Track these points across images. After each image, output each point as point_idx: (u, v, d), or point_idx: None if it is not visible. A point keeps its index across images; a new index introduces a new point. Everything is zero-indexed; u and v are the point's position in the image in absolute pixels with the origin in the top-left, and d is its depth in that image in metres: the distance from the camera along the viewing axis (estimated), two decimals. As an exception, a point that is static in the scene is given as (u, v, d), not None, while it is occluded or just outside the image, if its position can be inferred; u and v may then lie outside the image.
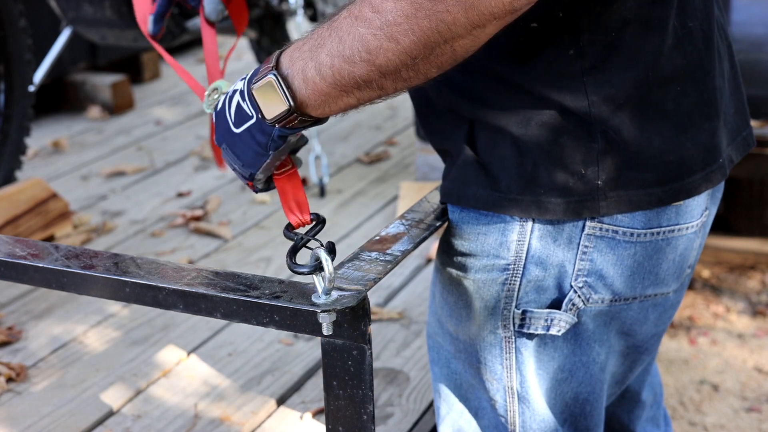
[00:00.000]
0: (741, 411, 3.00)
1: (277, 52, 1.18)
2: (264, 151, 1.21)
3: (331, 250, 1.19)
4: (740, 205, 3.59)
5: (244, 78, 1.23)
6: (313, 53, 1.13)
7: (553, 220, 1.28)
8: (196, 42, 4.98)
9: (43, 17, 3.69)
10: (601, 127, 1.23)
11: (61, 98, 4.16)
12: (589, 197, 1.25)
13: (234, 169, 1.28)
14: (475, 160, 1.30)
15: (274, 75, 1.15)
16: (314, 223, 1.28)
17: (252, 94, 1.18)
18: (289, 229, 1.28)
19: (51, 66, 3.18)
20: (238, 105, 1.20)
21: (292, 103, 1.15)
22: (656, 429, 1.68)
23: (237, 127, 1.21)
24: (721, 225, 3.70)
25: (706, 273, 3.75)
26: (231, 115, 1.22)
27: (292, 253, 1.22)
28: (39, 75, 3.07)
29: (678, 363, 3.24)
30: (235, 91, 1.23)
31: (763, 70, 2.98)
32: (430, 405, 2.04)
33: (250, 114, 1.19)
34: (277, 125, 1.18)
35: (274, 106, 1.16)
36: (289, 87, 1.15)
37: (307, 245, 1.24)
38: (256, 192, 1.31)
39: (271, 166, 1.25)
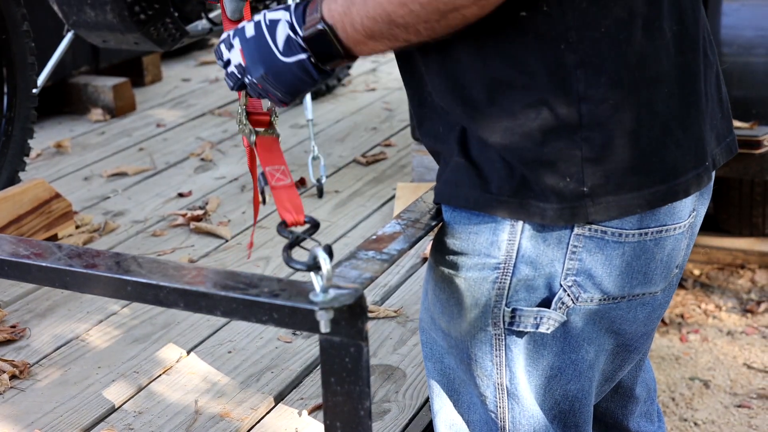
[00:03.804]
0: (731, 407, 3.01)
1: (316, 2, 1.30)
2: (313, 82, 1.34)
3: (328, 251, 1.19)
4: (730, 204, 3.59)
5: (280, 8, 1.34)
6: (347, 10, 1.27)
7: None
8: (196, 45, 5.00)
9: (45, 21, 3.68)
10: (586, 132, 1.24)
11: (64, 101, 4.16)
12: (577, 204, 1.27)
13: (265, 95, 1.40)
14: (466, 162, 1.31)
15: (325, 26, 1.28)
16: (309, 225, 1.32)
17: (305, 38, 1.30)
18: (284, 226, 1.32)
19: (53, 69, 3.17)
20: (289, 37, 1.32)
21: (342, 51, 1.29)
22: (650, 424, 1.68)
23: (287, 57, 1.32)
24: (712, 224, 3.71)
25: (696, 271, 3.77)
26: (278, 44, 1.33)
27: (289, 248, 1.24)
28: (42, 78, 3.06)
29: (669, 360, 3.26)
30: (276, 21, 1.33)
31: (753, 72, 2.99)
32: (427, 401, 2.04)
33: (304, 48, 1.31)
34: (327, 65, 1.32)
35: (326, 51, 1.30)
36: (335, 35, 1.28)
37: (303, 246, 1.27)
38: (280, 105, 1.43)
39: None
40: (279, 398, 2.10)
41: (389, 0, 1.22)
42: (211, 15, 3.19)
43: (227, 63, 1.40)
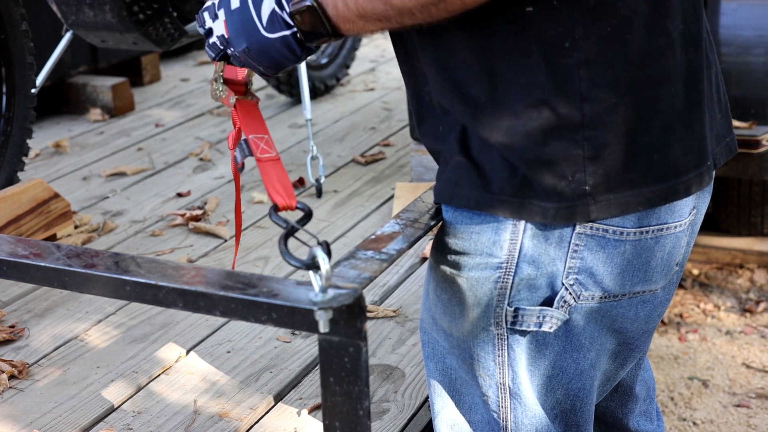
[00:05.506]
0: (730, 406, 3.01)
1: None
2: (296, 59, 1.34)
3: (326, 250, 1.18)
4: (729, 204, 3.60)
5: None
6: None
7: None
8: (195, 45, 5.00)
9: (44, 21, 3.68)
10: (588, 132, 1.24)
11: (63, 100, 4.16)
12: (578, 202, 1.27)
13: (246, 65, 1.38)
14: (467, 161, 1.31)
15: (314, 2, 1.27)
16: (303, 214, 1.30)
17: (292, 13, 1.29)
18: (276, 210, 1.31)
19: (52, 69, 3.17)
20: (274, 12, 1.30)
21: (330, 29, 1.28)
22: (649, 423, 1.69)
23: (270, 32, 1.31)
24: (711, 224, 3.71)
25: (695, 271, 3.77)
26: (262, 19, 1.31)
27: (284, 239, 1.23)
28: (40, 78, 3.06)
29: (668, 359, 3.26)
30: None
31: (752, 72, 3.00)
32: (425, 401, 2.04)
33: (290, 24, 1.30)
34: (313, 42, 1.31)
35: (313, 28, 1.29)
36: (324, 13, 1.26)
37: (299, 238, 1.26)
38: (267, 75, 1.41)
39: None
40: (278, 398, 2.10)
41: None
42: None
43: (209, 32, 1.39)
